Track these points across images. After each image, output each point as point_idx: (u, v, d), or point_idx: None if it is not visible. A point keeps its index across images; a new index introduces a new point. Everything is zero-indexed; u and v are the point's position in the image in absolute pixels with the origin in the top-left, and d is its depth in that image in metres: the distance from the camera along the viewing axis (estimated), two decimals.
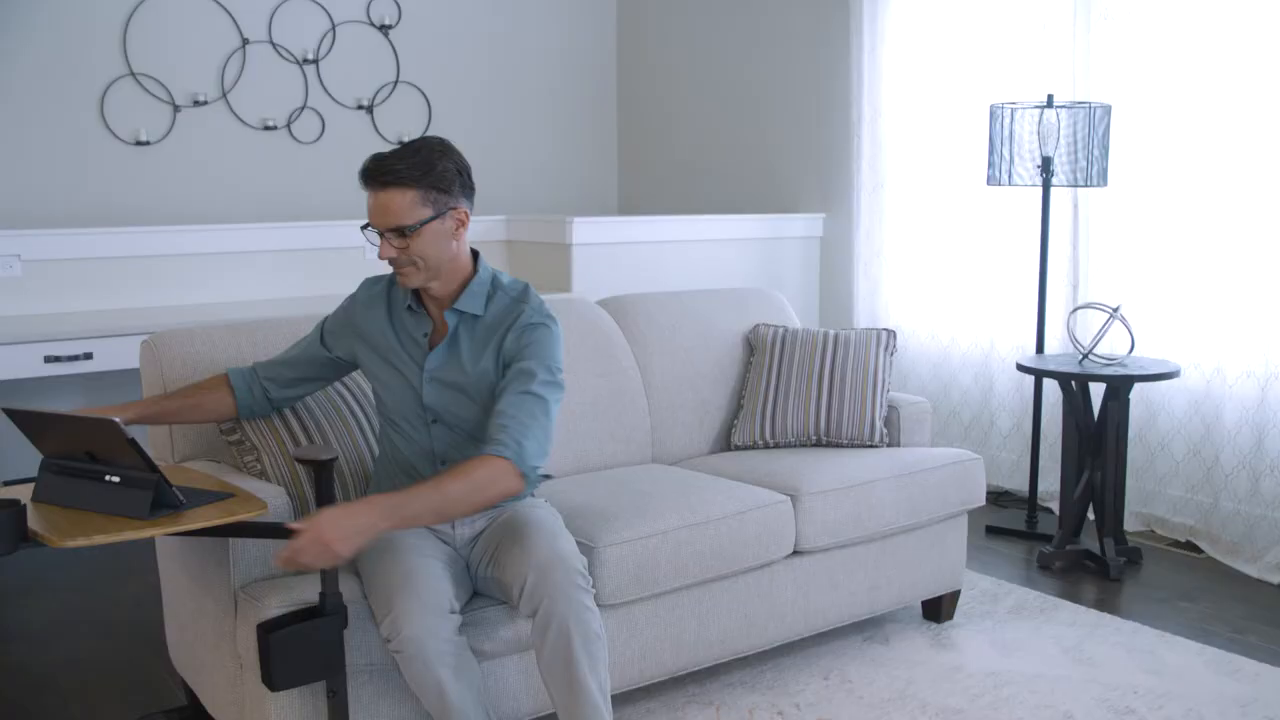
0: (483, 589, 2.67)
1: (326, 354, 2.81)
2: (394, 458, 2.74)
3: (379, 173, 2.51)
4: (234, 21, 5.79)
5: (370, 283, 2.80)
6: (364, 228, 2.57)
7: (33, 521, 2.13)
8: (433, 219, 2.52)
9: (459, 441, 2.66)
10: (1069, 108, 4.43)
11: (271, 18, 5.89)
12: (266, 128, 5.92)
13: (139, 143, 5.56)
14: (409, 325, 2.68)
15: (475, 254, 2.68)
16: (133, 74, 5.54)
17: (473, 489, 2.37)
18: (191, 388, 2.80)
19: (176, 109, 5.67)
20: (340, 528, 2.23)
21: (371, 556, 2.53)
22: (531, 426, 2.46)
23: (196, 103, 5.72)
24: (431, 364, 2.64)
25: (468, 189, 2.60)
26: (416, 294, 2.66)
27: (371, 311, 2.73)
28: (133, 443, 2.16)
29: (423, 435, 2.67)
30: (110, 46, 5.50)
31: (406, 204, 2.49)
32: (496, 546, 2.60)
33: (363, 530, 2.26)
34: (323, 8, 6.04)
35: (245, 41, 5.82)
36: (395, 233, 2.51)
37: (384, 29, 6.22)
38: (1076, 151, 4.42)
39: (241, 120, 5.85)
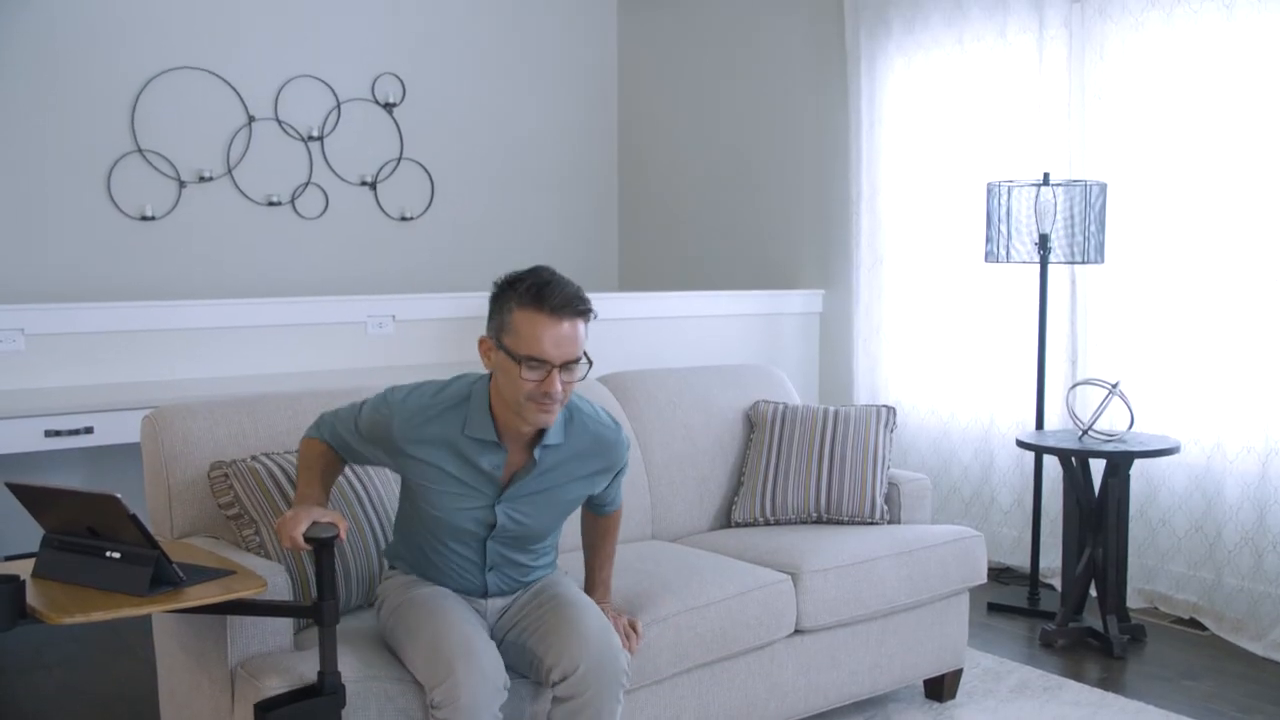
0: (502, 653, 2.64)
1: (374, 461, 2.67)
2: (425, 553, 2.65)
3: (572, 300, 2.38)
4: (240, 99, 5.87)
5: (400, 406, 2.52)
6: (508, 353, 2.37)
7: (31, 597, 2.13)
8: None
9: (512, 553, 2.63)
10: (1065, 185, 4.47)
11: (278, 95, 5.97)
12: (270, 203, 5.98)
13: (144, 218, 5.62)
14: (475, 456, 2.50)
15: None
16: (140, 150, 5.61)
17: (616, 542, 2.85)
18: (318, 460, 2.64)
19: (182, 185, 5.73)
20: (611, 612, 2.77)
21: (418, 617, 2.50)
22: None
23: (202, 178, 5.78)
24: (513, 495, 2.54)
25: None
26: (496, 427, 2.49)
27: (425, 435, 2.49)
28: (134, 518, 2.16)
29: (471, 549, 2.60)
30: (119, 123, 5.57)
31: (582, 337, 2.40)
32: (540, 620, 2.58)
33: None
34: (328, 85, 6.13)
35: (251, 119, 5.90)
36: (567, 367, 2.38)
37: (388, 106, 6.30)
38: (1073, 229, 4.46)
39: (246, 196, 5.91)
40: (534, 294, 2.36)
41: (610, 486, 2.72)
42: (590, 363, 2.42)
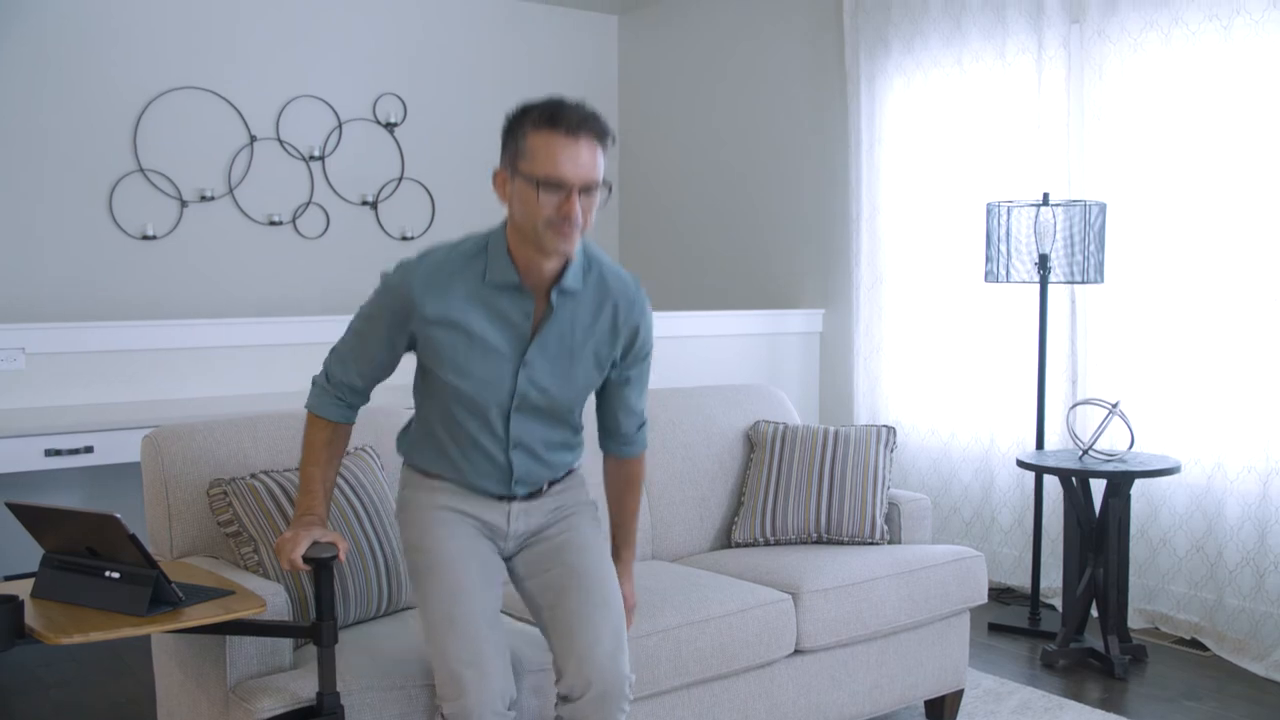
0: (516, 591, 2.63)
1: (395, 355, 2.52)
2: (445, 447, 2.53)
3: (588, 119, 2.29)
4: (242, 119, 5.89)
5: (416, 266, 2.41)
6: (524, 178, 2.27)
7: (30, 618, 2.13)
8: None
9: (535, 429, 2.50)
10: (1065, 206, 4.48)
11: (279, 115, 5.99)
12: (272, 223, 5.99)
13: (145, 237, 5.63)
14: (504, 306, 2.40)
15: None
16: (142, 170, 5.63)
17: (642, 491, 2.79)
18: (322, 452, 2.54)
19: (184, 204, 5.75)
20: (634, 592, 2.75)
21: (435, 597, 2.44)
22: (647, 398, 2.68)
23: (203, 198, 5.80)
24: (537, 346, 2.42)
25: None
26: (517, 270, 2.38)
27: (446, 293, 2.38)
28: (133, 538, 2.16)
29: (494, 425, 2.47)
30: (121, 142, 5.60)
31: (599, 161, 2.30)
32: (559, 601, 2.50)
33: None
34: (329, 105, 6.15)
35: (253, 138, 5.92)
36: (585, 191, 2.27)
37: (389, 126, 6.32)
38: (1073, 248, 4.47)
39: (247, 215, 5.92)
40: (549, 116, 2.27)
41: (632, 379, 2.58)
42: (610, 189, 2.35)
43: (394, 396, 3.16)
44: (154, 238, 5.66)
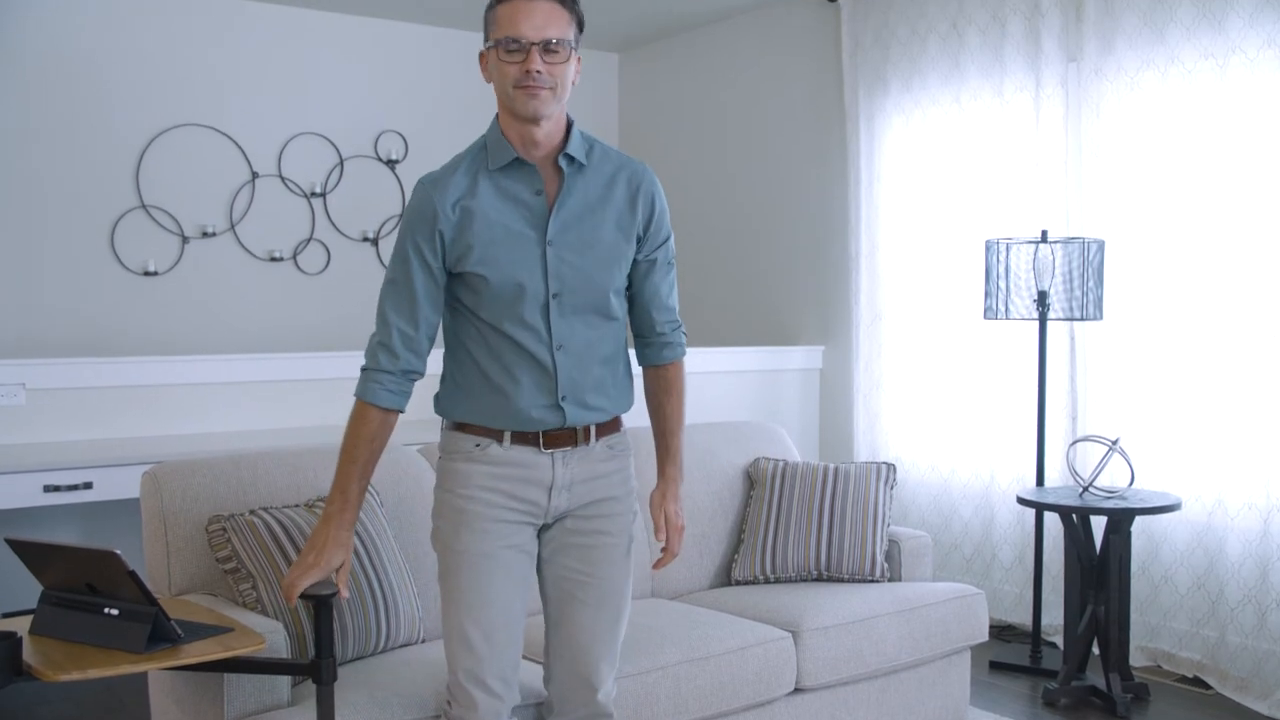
0: (540, 570, 2.56)
1: (434, 282, 2.45)
2: (485, 373, 2.44)
3: None
4: (244, 155, 5.92)
5: (433, 180, 2.45)
6: (494, 45, 2.34)
7: (28, 654, 2.12)
8: (575, 48, 2.40)
9: (577, 327, 2.43)
10: (1063, 242, 4.50)
11: (281, 152, 6.02)
12: (273, 259, 6.01)
13: (147, 273, 5.65)
14: (512, 186, 2.42)
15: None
16: (144, 206, 5.65)
17: (685, 398, 2.69)
18: (364, 449, 2.47)
19: (185, 240, 5.77)
20: (681, 511, 2.64)
21: (458, 601, 2.43)
22: (677, 301, 2.66)
23: (205, 234, 5.82)
24: (556, 220, 2.40)
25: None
26: (513, 147, 2.41)
27: (457, 186, 2.42)
28: (133, 575, 2.16)
29: (539, 318, 2.40)
30: (123, 179, 5.62)
31: (564, 21, 2.36)
32: (569, 597, 2.50)
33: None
34: (330, 142, 6.18)
35: (254, 175, 5.95)
36: (546, 48, 2.33)
37: (390, 164, 6.35)
38: (1072, 285, 4.48)
39: (248, 251, 5.94)
40: None
41: (658, 263, 2.55)
42: (578, 56, 2.41)
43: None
44: (155, 273, 5.67)
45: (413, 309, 2.44)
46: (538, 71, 2.32)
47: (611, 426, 2.55)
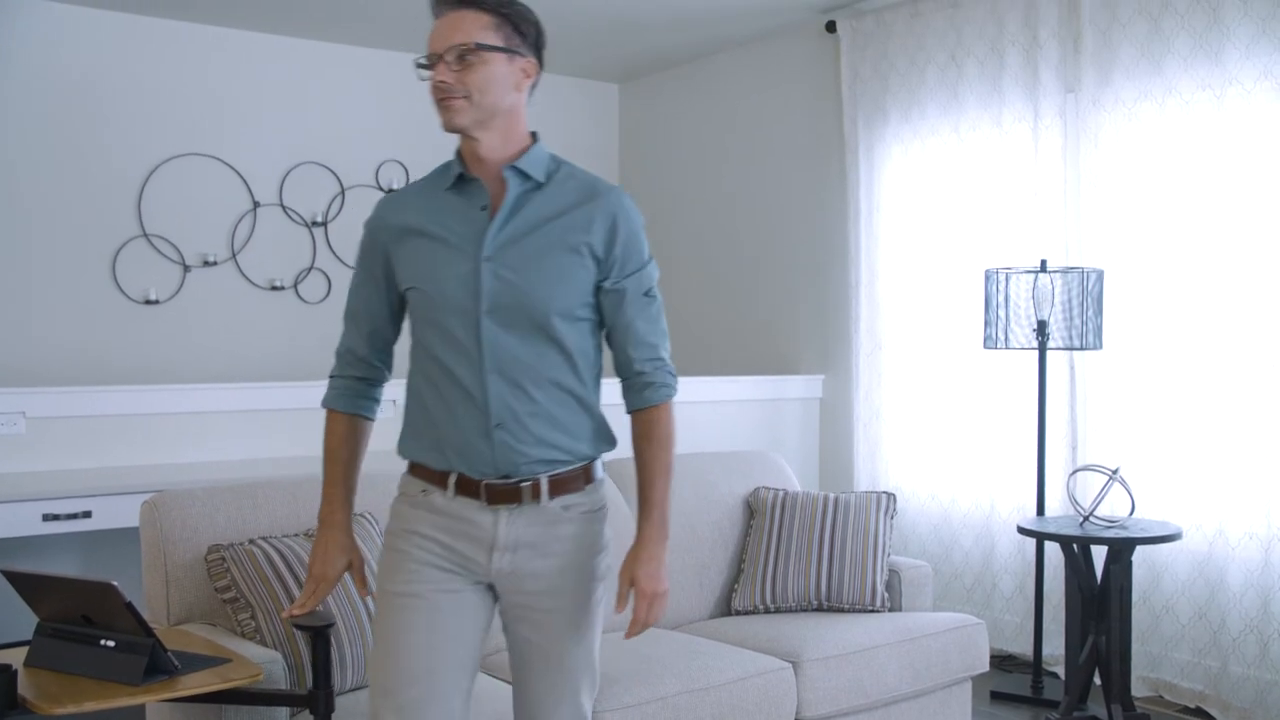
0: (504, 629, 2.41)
1: (386, 298, 2.43)
2: (425, 400, 2.35)
3: None
4: (245, 185, 5.94)
5: (388, 197, 2.45)
6: (420, 64, 2.25)
7: (23, 687, 2.11)
8: (501, 50, 2.23)
9: (511, 343, 2.26)
10: (1062, 272, 4.51)
11: (283, 181, 6.05)
12: (274, 288, 6.02)
13: (148, 301, 5.66)
14: (459, 203, 2.31)
15: (534, 134, 2.36)
16: (145, 235, 5.67)
17: (673, 447, 2.40)
18: (340, 450, 2.45)
19: (186, 269, 5.78)
20: (657, 575, 2.33)
21: (377, 650, 2.28)
22: (666, 339, 2.45)
23: (206, 263, 5.83)
24: (496, 230, 2.26)
25: (540, 50, 2.33)
26: (464, 165, 2.32)
27: (409, 206, 2.37)
28: (130, 606, 2.15)
29: (469, 335, 2.26)
30: (125, 208, 5.64)
31: (477, 25, 2.22)
32: (528, 664, 2.33)
33: (666, 564, 2.34)
34: (332, 172, 6.20)
35: (256, 204, 5.97)
36: (456, 56, 2.20)
37: (392, 192, 6.36)
38: (1071, 315, 4.49)
39: (250, 280, 5.96)
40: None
41: (628, 292, 2.35)
42: (506, 51, 2.24)
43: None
44: (156, 302, 5.69)
45: (358, 320, 2.47)
46: (443, 82, 2.21)
47: (570, 484, 2.31)
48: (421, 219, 2.32)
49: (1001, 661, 5.03)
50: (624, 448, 2.49)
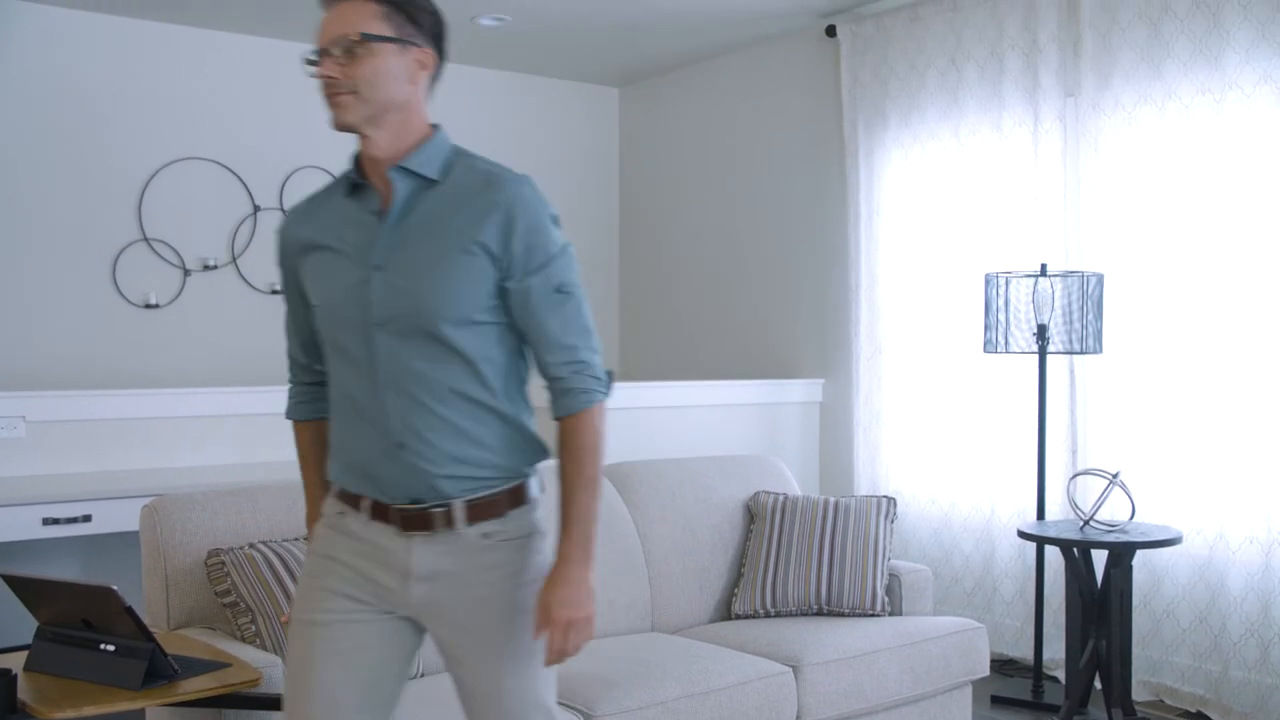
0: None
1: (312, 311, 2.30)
2: (335, 418, 2.23)
3: None
4: (246, 189, 5.94)
5: (291, 210, 2.36)
6: (308, 60, 2.10)
7: (22, 691, 2.11)
8: (390, 41, 2.07)
9: (404, 352, 2.10)
10: (1062, 276, 4.51)
11: (283, 185, 6.05)
12: (274, 292, 6.02)
13: (148, 306, 5.66)
14: (354, 210, 2.19)
15: (436, 126, 2.20)
16: (145, 239, 5.67)
17: (600, 458, 2.19)
18: (310, 453, 2.40)
19: (187, 273, 5.78)
20: (574, 600, 2.08)
21: (288, 684, 2.15)
22: (590, 337, 2.18)
23: (206, 267, 5.83)
24: (385, 235, 2.12)
25: (440, 40, 2.17)
26: (360, 169, 2.20)
27: (311, 219, 2.28)
28: (129, 611, 2.15)
29: (362, 350, 2.12)
30: (126, 212, 5.64)
31: (364, 15, 2.06)
32: (463, 700, 2.18)
33: (589, 587, 2.11)
34: (333, 176, 6.19)
35: (256, 208, 5.97)
36: (341, 48, 2.06)
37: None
38: (1071, 319, 4.49)
39: (250, 284, 5.96)
40: None
41: (534, 291, 2.12)
42: (398, 42, 2.09)
43: None
44: (157, 306, 5.69)
45: (290, 330, 2.42)
46: (329, 77, 2.07)
47: (490, 509, 2.13)
48: (319, 232, 2.22)
49: (1002, 666, 5.03)
50: (622, 452, 2.48)
